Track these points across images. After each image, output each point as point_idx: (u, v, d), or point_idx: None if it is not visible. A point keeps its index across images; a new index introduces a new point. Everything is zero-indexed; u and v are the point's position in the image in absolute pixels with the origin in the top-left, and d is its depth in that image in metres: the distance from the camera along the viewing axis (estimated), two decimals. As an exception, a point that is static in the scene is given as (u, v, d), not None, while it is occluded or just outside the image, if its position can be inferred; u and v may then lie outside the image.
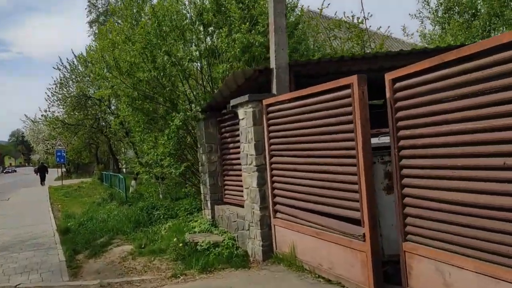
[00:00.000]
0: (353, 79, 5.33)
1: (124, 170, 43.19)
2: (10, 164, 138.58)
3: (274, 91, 7.97)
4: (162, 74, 10.56)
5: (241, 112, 8.13)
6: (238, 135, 9.06)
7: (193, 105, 11.07)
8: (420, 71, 4.77)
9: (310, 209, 6.50)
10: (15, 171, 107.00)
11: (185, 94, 11.25)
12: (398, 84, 5.09)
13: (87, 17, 37.67)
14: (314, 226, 6.38)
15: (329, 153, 5.94)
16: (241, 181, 9.04)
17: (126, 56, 10.64)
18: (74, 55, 23.55)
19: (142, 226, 11.09)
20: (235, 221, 8.89)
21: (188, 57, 10.42)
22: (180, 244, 8.43)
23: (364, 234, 5.34)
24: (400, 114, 5.06)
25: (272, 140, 7.54)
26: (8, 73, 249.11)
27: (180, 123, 9.93)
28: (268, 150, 7.62)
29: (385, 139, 7.20)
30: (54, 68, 23.56)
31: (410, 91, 4.95)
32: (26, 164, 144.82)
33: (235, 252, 8.08)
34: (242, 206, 8.84)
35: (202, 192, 10.72)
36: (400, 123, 5.07)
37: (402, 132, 5.05)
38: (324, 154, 6.05)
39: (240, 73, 8.18)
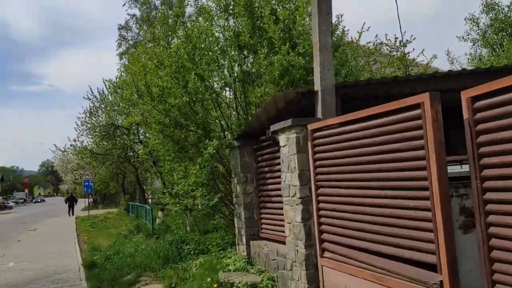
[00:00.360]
0: (424, 97, 4.56)
1: (150, 200, 42.92)
2: (39, 194, 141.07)
3: (319, 115, 7.26)
4: (194, 99, 10.01)
5: (282, 139, 7.41)
6: (277, 164, 8.34)
7: (226, 132, 10.43)
8: (507, 88, 3.98)
9: (367, 248, 5.63)
10: (44, 200, 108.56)
11: (218, 120, 10.64)
12: (479, 103, 4.29)
13: (117, 49, 38.28)
14: (373, 269, 5.49)
15: (393, 185, 5.11)
16: (281, 214, 8.25)
17: (158, 81, 10.17)
18: (104, 83, 23.50)
19: (172, 262, 10.32)
20: (274, 259, 8.04)
21: (223, 81, 9.87)
22: (215, 285, 7.61)
23: (441, 282, 4.43)
24: (484, 138, 4.24)
25: (319, 169, 6.76)
26: (39, 105, 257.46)
27: (214, 151, 9.27)
28: (314, 180, 6.83)
29: (455, 168, 6.30)
30: (84, 98, 23.67)
31: (495, 111, 4.13)
32: (55, 194, 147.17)
33: (276, 296, 7.22)
34: (283, 243, 8.01)
35: (236, 225, 9.94)
36: (483, 149, 4.24)
37: (486, 160, 4.21)
38: (386, 185, 5.22)
39: (281, 96, 7.52)
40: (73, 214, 39.35)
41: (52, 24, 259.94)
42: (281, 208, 8.18)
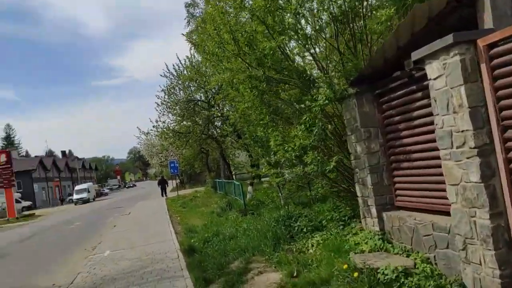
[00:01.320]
0: None
1: (234, 176, 42.16)
2: (130, 179, 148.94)
3: (487, 26, 4.98)
4: (288, 39, 8.02)
5: (433, 68, 5.20)
6: (415, 109, 6.17)
7: (334, 79, 8.33)
8: None
9: None
10: (135, 185, 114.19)
11: (321, 65, 8.54)
12: None
13: (186, 27, 37.06)
14: None
15: None
16: (427, 175, 6.12)
17: (243, 27, 8.29)
18: (179, 59, 22.33)
19: (283, 242, 8.59)
20: (428, 235, 5.94)
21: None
22: (355, 274, 5.71)
23: None
24: None
25: (504, 102, 4.53)
26: (121, 97, 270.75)
27: (326, 101, 7.24)
28: (497, 119, 4.61)
29: None
30: (161, 75, 22.65)
31: None
32: (144, 178, 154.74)
33: (447, 286, 5.16)
34: (439, 213, 5.89)
35: (359, 194, 7.92)
36: None
37: None
38: None
39: (423, 8, 5.31)
40: (166, 195, 39.72)
41: (122, 19, 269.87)
42: (429, 167, 6.05)
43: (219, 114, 21.48)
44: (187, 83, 22.21)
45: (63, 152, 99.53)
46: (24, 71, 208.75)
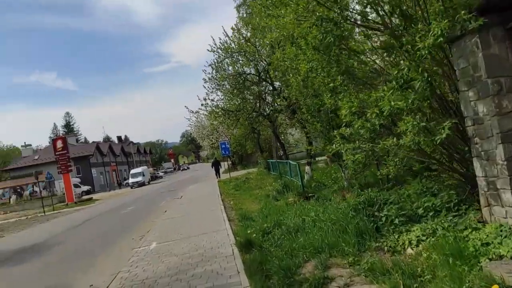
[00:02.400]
0: None
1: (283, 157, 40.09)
2: (184, 162, 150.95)
3: None
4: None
5: None
6: None
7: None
8: None
9: None
10: (188, 168, 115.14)
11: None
12: None
13: (235, 1, 35.02)
14: None
15: None
16: None
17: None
18: (226, 33, 20.37)
19: (368, 238, 6.49)
20: None
21: None
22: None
23: None
24: None
25: None
26: (173, 82, 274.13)
27: (441, 39, 4.97)
28: None
29: None
30: (208, 50, 20.81)
31: None
32: (197, 161, 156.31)
33: None
34: None
35: (480, 173, 5.66)
36: None
37: None
38: None
39: None
40: (219, 176, 38.63)
41: (169, 4, 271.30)
42: None
43: (272, 88, 19.31)
44: (235, 56, 20.24)
45: (119, 138, 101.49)
46: (80, 61, 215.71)
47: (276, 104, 21.64)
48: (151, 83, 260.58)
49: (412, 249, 5.84)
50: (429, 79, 5.38)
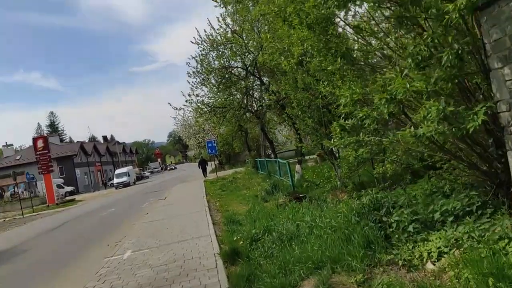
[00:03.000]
0: None
1: (272, 155, 38.93)
2: (171, 162, 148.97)
3: None
4: None
5: None
6: None
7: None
8: None
9: None
10: (175, 168, 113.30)
11: None
12: None
13: None
14: None
15: None
16: None
17: None
18: (211, 25, 19.11)
19: (377, 249, 5.37)
20: None
21: None
22: None
23: None
24: None
25: None
26: (160, 81, 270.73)
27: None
28: None
29: None
30: (192, 42, 19.53)
31: None
32: (184, 160, 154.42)
33: None
34: None
35: (519, 170, 4.57)
36: None
37: None
38: None
39: None
40: (206, 175, 37.69)
41: (155, 3, 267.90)
42: None
43: (259, 83, 18.11)
44: (221, 49, 19.02)
45: (105, 137, 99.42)
46: (65, 60, 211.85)
47: (264, 99, 20.49)
48: (138, 83, 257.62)
49: (433, 264, 4.74)
50: (460, 51, 4.27)
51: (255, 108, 21.82)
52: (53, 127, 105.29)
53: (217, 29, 19.67)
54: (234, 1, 18.15)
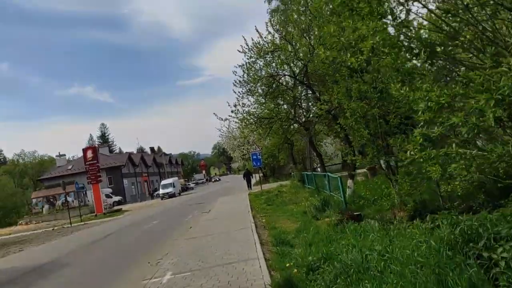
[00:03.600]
0: None
1: (319, 169, 37.33)
2: (215, 173, 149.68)
3: None
4: None
5: None
6: None
7: None
8: None
9: None
10: (219, 179, 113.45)
11: None
12: None
13: (267, 6, 33.00)
14: None
15: None
16: None
17: None
18: (259, 33, 18.23)
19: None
20: None
21: None
22: None
23: None
24: None
25: None
26: (204, 95, 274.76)
27: None
28: None
29: None
30: (239, 51, 18.70)
31: None
32: (228, 172, 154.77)
33: None
34: None
35: None
36: None
37: None
38: None
39: None
40: (251, 187, 36.87)
41: (202, 19, 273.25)
42: None
43: (310, 92, 16.88)
44: (268, 57, 18.05)
45: (152, 149, 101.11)
46: (117, 75, 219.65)
47: (313, 110, 19.26)
48: (184, 96, 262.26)
49: None
50: None
51: (303, 119, 20.60)
52: (104, 138, 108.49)
53: (265, 37, 18.79)
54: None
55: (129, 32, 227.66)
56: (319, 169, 37.56)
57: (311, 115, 19.28)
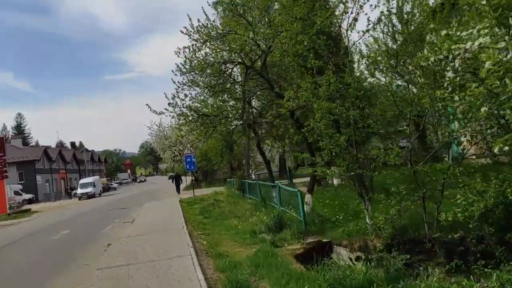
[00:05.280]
0: None
1: (252, 176, 34.44)
2: (141, 174, 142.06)
3: None
4: None
5: None
6: None
7: None
8: None
9: None
10: (145, 180, 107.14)
11: None
12: None
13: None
14: None
15: None
16: None
17: None
18: (205, 13, 14.82)
19: None
20: None
21: None
22: None
23: None
24: None
25: None
26: (133, 91, 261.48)
27: None
28: None
29: None
30: (182, 32, 15.09)
31: None
32: (155, 173, 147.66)
33: None
34: None
35: None
36: None
37: None
38: None
39: None
40: (179, 192, 33.86)
41: (137, 14, 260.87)
42: None
43: (269, 87, 13.66)
44: (218, 44, 14.67)
45: (73, 144, 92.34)
46: (40, 63, 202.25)
47: (266, 109, 16.21)
48: (112, 91, 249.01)
49: None
50: None
51: (251, 120, 17.45)
52: (19, 129, 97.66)
53: (213, 21, 15.43)
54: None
55: (55, 19, 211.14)
56: (253, 176, 34.75)
57: (268, 115, 16.16)
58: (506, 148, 6.84)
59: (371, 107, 10.94)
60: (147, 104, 15.78)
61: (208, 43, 14.94)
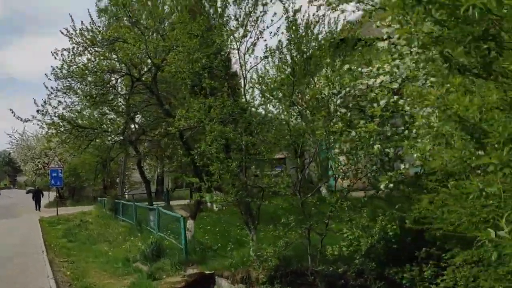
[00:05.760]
0: None
1: (126, 196, 32.24)
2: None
3: None
4: None
5: None
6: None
7: None
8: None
9: None
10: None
11: None
12: None
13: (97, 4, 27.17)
14: None
15: None
16: None
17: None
18: (90, 16, 13.45)
19: None
20: None
21: None
22: None
23: None
24: None
25: None
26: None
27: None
28: None
29: None
30: (62, 33, 13.30)
31: None
32: (11, 186, 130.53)
33: None
34: None
35: None
36: None
37: None
38: None
39: None
40: (39, 209, 30.41)
41: (6, 11, 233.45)
42: None
43: (158, 102, 12.60)
44: (103, 50, 13.30)
45: None
46: None
47: (148, 127, 15.12)
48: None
49: None
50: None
51: (133, 137, 16.13)
52: None
53: (98, 26, 14.08)
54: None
55: None
56: (126, 196, 32.50)
57: (156, 133, 15.03)
58: (391, 185, 7.11)
59: (264, 134, 10.79)
60: (10, 109, 13.57)
61: (91, 49, 13.48)
